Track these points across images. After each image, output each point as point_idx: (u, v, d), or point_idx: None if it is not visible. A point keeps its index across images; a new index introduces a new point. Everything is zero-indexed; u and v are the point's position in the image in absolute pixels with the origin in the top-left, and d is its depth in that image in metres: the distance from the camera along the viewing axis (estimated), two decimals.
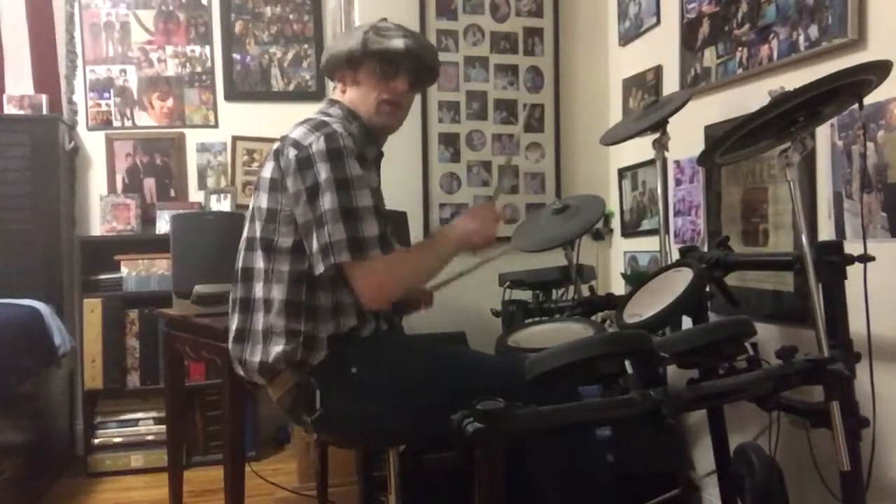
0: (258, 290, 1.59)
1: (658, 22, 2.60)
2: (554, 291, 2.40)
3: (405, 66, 1.68)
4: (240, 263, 1.65)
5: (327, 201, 1.49)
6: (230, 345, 1.66)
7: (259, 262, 1.59)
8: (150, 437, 3.16)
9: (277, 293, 1.56)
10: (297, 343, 1.54)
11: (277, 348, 1.55)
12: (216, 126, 3.56)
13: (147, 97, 3.50)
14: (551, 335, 1.91)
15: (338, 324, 1.56)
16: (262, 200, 1.59)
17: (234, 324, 1.65)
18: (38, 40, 3.35)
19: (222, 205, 3.47)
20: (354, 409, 1.56)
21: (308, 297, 1.55)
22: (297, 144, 1.55)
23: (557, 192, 2.93)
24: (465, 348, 1.83)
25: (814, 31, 1.84)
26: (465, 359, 1.71)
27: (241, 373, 1.69)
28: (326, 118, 1.62)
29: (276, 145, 1.61)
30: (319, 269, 1.50)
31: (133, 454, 3.14)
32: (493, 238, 1.71)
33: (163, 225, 3.31)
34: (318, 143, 1.51)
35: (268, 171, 1.60)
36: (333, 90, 1.79)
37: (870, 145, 1.70)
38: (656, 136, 2.15)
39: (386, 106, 1.68)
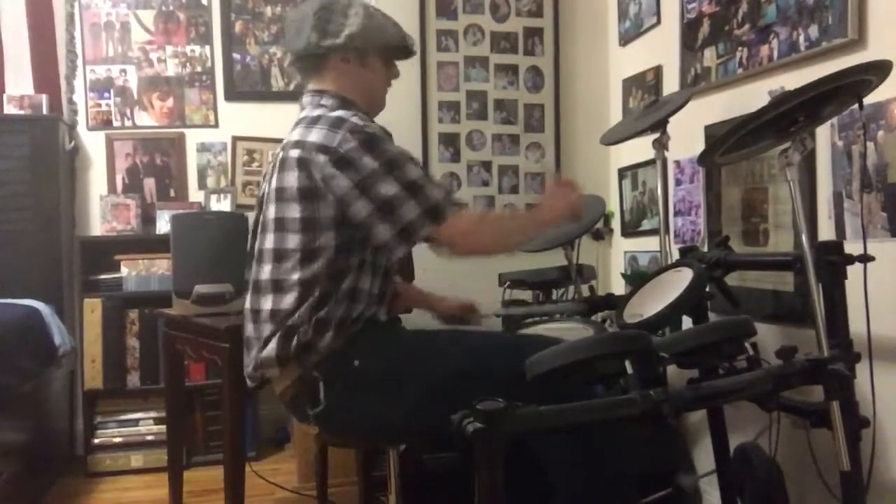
0: (270, 301, 1.58)
1: (658, 22, 2.60)
2: (554, 291, 2.41)
3: (404, 55, 1.77)
4: (266, 275, 1.61)
5: (386, 187, 1.49)
6: (247, 354, 1.66)
7: (269, 273, 1.58)
8: (150, 437, 3.15)
9: (287, 302, 1.55)
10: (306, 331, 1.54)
11: (284, 342, 1.55)
12: (216, 126, 3.56)
13: (147, 97, 3.50)
14: (551, 335, 1.91)
15: (349, 309, 1.55)
16: (292, 210, 1.55)
17: (247, 332, 1.65)
18: (38, 40, 3.35)
19: (222, 205, 3.47)
20: (357, 402, 1.55)
21: (318, 305, 1.54)
22: (325, 149, 1.52)
23: None
24: (468, 335, 1.80)
25: (814, 31, 1.84)
26: (468, 348, 1.70)
27: (250, 383, 1.69)
28: (335, 112, 1.60)
29: (294, 153, 1.56)
30: (400, 251, 1.52)
31: (133, 454, 3.13)
32: (579, 210, 1.68)
33: (163, 225, 3.30)
34: (347, 142, 1.51)
35: (293, 181, 1.55)
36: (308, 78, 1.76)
37: (870, 145, 1.70)
38: (656, 136, 2.15)
39: (386, 91, 1.77)
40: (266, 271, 1.61)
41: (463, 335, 1.78)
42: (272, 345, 1.56)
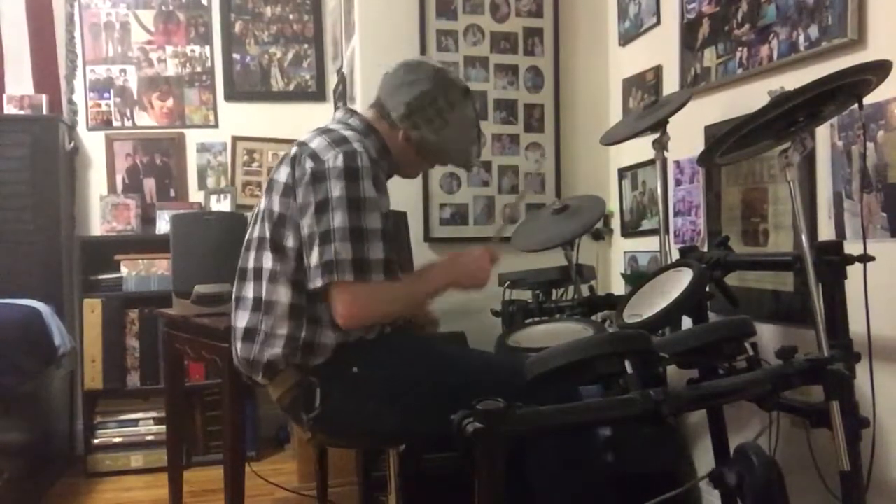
0: (264, 290, 1.59)
1: (658, 22, 2.60)
2: (554, 291, 2.40)
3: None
4: (248, 263, 1.64)
5: (337, 219, 1.48)
6: (234, 343, 1.66)
7: (268, 263, 1.59)
8: (150, 437, 3.16)
9: (282, 296, 1.56)
10: (295, 347, 1.54)
11: (276, 350, 1.55)
12: (216, 126, 3.56)
13: (147, 97, 3.50)
14: (551, 335, 1.91)
15: (344, 334, 1.55)
16: (275, 203, 1.58)
17: (236, 321, 1.65)
18: (38, 40, 3.35)
19: (222, 205, 3.47)
20: (354, 407, 1.56)
21: (309, 305, 1.55)
22: (314, 156, 1.54)
23: (557, 192, 2.93)
24: (466, 348, 1.82)
25: (814, 31, 1.84)
26: (466, 358, 1.71)
27: (243, 370, 1.69)
28: (347, 132, 1.61)
29: (293, 150, 1.60)
30: (316, 283, 1.49)
31: (133, 454, 3.13)
32: (486, 283, 1.70)
33: (163, 225, 3.31)
34: (335, 160, 1.51)
35: (283, 176, 1.58)
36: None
37: (870, 145, 1.70)
38: (656, 136, 2.15)
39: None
40: (249, 259, 1.63)
41: (464, 347, 1.79)
42: (266, 352, 1.57)
